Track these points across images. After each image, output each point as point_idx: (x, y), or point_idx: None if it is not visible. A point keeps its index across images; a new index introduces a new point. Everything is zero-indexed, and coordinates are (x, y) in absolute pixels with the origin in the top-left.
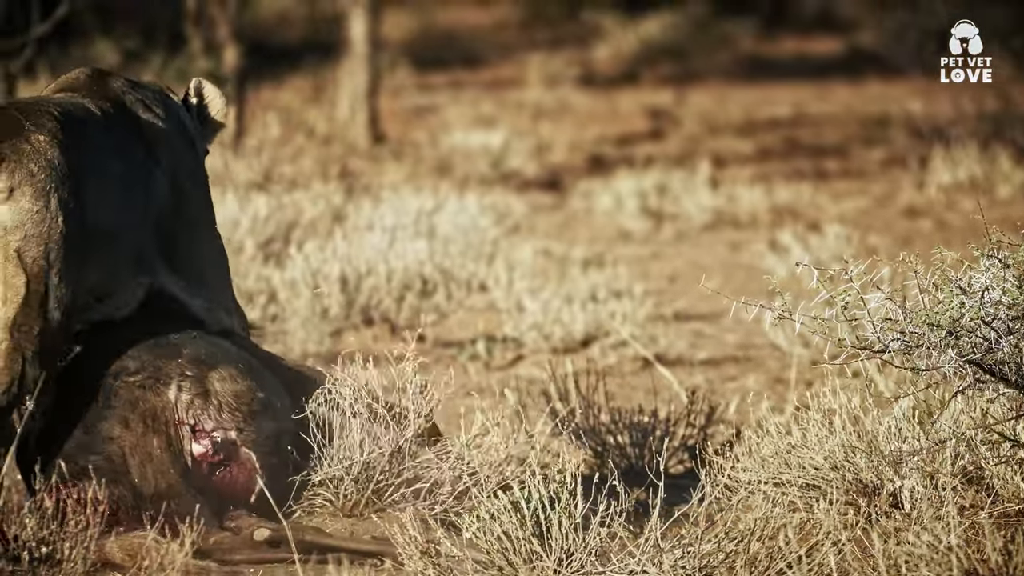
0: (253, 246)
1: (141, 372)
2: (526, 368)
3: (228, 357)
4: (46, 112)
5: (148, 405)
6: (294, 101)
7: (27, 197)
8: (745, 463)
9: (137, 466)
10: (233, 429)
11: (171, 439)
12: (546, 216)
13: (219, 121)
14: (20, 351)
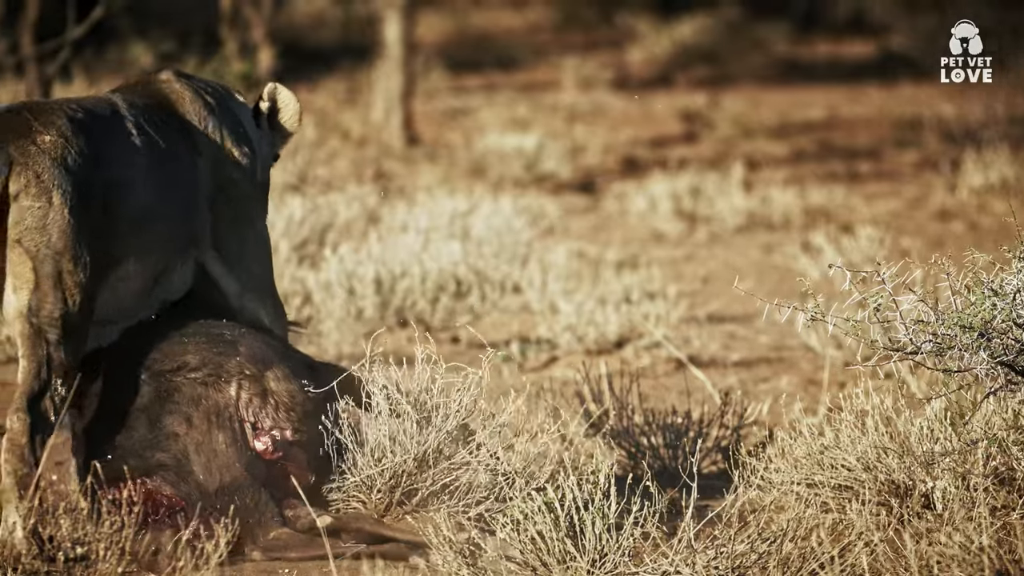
0: (288, 248)
1: (202, 369)
2: (560, 369)
3: (281, 356)
4: (59, 111)
5: (211, 402)
6: (329, 103)
7: (30, 197)
8: (778, 464)
9: (203, 463)
10: (289, 428)
11: (235, 434)
12: (580, 218)
13: (292, 125)
14: (42, 335)
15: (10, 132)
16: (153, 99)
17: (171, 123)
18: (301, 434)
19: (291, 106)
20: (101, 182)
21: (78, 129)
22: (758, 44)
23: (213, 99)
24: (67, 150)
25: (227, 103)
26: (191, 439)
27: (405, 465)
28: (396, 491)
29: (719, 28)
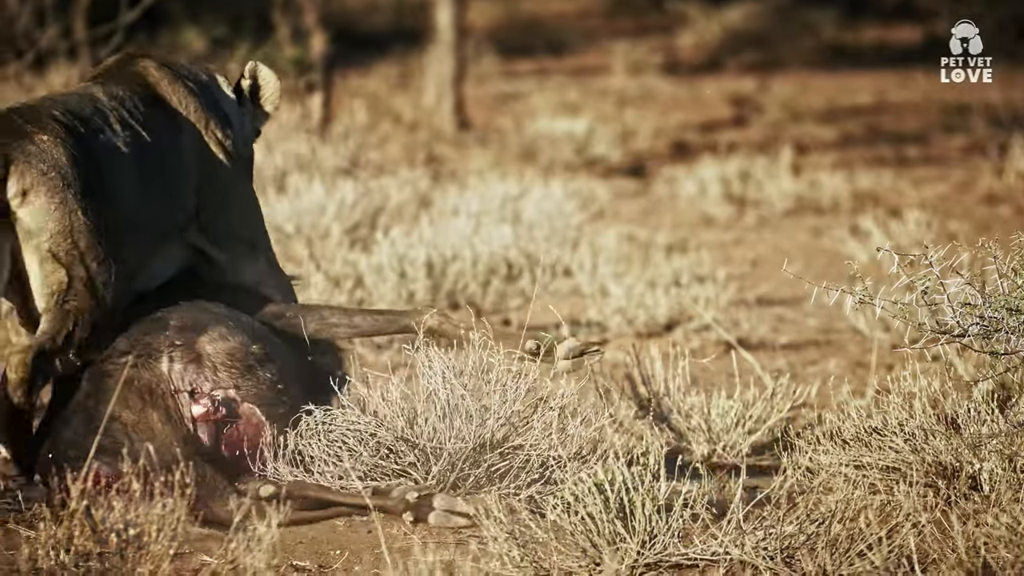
0: (340, 231)
1: (131, 351)
2: (610, 352)
3: (216, 319)
4: (46, 113)
5: (143, 382)
6: (381, 88)
7: (42, 197)
8: (826, 446)
9: (141, 444)
10: (231, 387)
11: (169, 410)
12: (630, 202)
13: (273, 102)
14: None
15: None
16: (133, 86)
17: (154, 110)
18: (247, 389)
19: (272, 83)
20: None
21: (64, 128)
22: (807, 29)
23: (192, 81)
24: (65, 149)
25: (205, 84)
26: (127, 420)
27: (462, 454)
28: (451, 474)
29: (768, 13)
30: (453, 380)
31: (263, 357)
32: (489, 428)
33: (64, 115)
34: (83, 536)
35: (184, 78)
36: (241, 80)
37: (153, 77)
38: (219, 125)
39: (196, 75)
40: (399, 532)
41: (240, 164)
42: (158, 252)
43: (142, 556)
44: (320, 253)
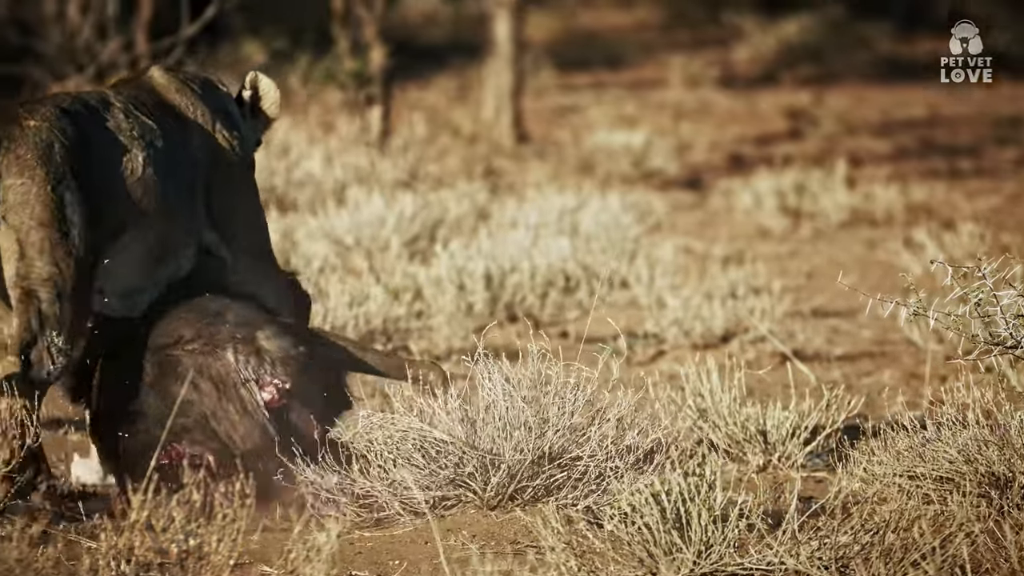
0: (399, 244)
1: (197, 340)
2: (667, 363)
3: (267, 318)
4: (48, 103)
5: (213, 371)
6: (440, 101)
7: (12, 174)
8: (880, 456)
9: (224, 430)
10: (288, 381)
11: (244, 402)
12: (687, 214)
13: (273, 111)
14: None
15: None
16: (144, 92)
17: (163, 113)
18: (297, 385)
19: (271, 94)
20: (89, 163)
21: (63, 114)
22: (862, 42)
23: (200, 89)
24: (51, 132)
25: (213, 92)
26: (206, 405)
27: (522, 465)
28: (510, 486)
29: (823, 27)
30: (513, 392)
31: (306, 359)
32: (548, 440)
33: (71, 102)
34: (144, 546)
35: (191, 84)
36: (242, 91)
37: (160, 84)
38: (226, 127)
39: (204, 81)
40: (457, 543)
41: (247, 168)
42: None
43: (202, 566)
44: (380, 265)
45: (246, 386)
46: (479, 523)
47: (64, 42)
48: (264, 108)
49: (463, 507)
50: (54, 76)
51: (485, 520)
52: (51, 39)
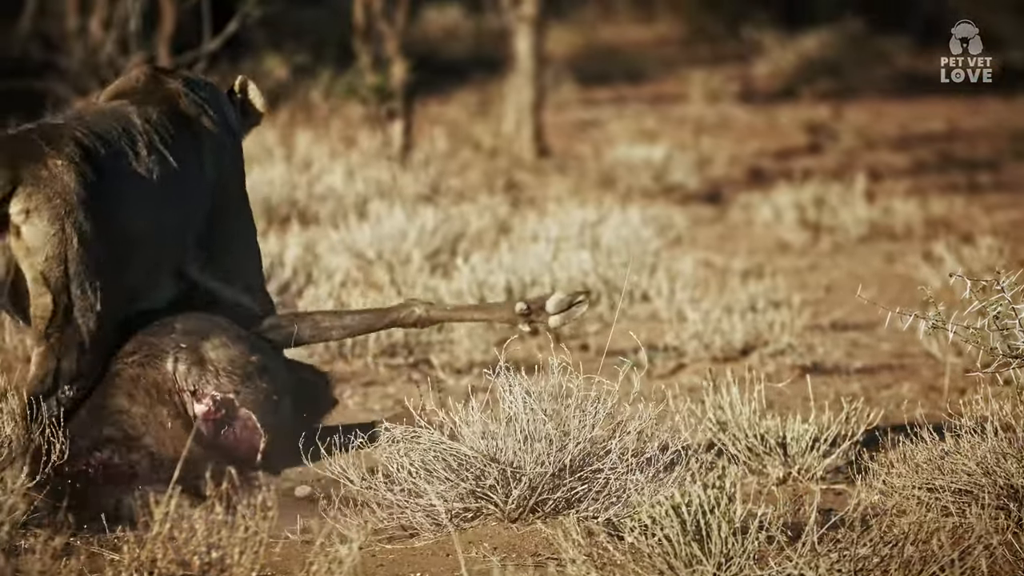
0: (420, 257)
1: (138, 352)
2: (687, 376)
3: (219, 327)
4: (69, 136)
5: (149, 380)
6: (461, 115)
7: (45, 220)
8: (899, 469)
9: (153, 435)
10: (231, 392)
11: (177, 407)
12: (707, 228)
13: (258, 116)
14: (54, 353)
15: (20, 152)
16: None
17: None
18: (245, 396)
19: (259, 100)
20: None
21: (83, 151)
22: (880, 57)
23: (205, 96)
24: (78, 173)
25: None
26: (136, 413)
27: (543, 477)
28: (531, 498)
29: (842, 42)
30: (534, 405)
31: (261, 367)
32: (569, 452)
33: (88, 137)
34: (166, 558)
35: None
36: (232, 93)
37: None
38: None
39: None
40: (478, 555)
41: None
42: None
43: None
44: (401, 279)
45: (180, 395)
46: (500, 535)
47: (87, 57)
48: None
49: (484, 519)
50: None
51: (506, 532)
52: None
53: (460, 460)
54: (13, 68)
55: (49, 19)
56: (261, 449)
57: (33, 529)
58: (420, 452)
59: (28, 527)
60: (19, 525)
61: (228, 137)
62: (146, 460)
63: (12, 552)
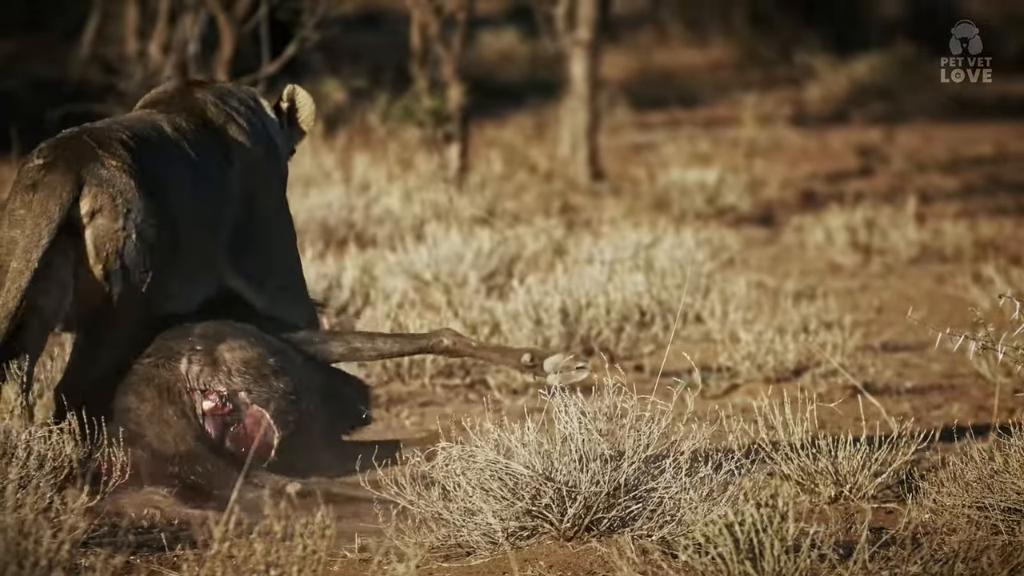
0: (476, 279)
1: (154, 354)
2: (740, 396)
3: (238, 332)
4: (116, 138)
5: (161, 380)
6: (516, 138)
7: (107, 219)
8: (950, 488)
9: (155, 433)
10: (243, 390)
11: (184, 407)
12: (759, 250)
13: (308, 123)
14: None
15: (78, 155)
16: (191, 115)
17: (208, 136)
18: (258, 394)
19: (307, 106)
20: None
21: (131, 154)
22: (930, 82)
23: (240, 106)
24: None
25: (250, 108)
26: (143, 411)
27: (598, 497)
28: (586, 518)
29: (893, 66)
30: (589, 425)
31: (278, 369)
32: (623, 472)
33: (131, 140)
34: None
35: (234, 110)
36: (280, 103)
37: (210, 113)
38: (262, 146)
39: (244, 101)
40: (534, 573)
41: (282, 188)
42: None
43: None
44: (458, 300)
45: (190, 394)
46: (556, 554)
47: (146, 80)
48: (300, 120)
49: (540, 538)
50: None
51: (561, 551)
52: (133, 77)
53: (516, 479)
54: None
55: (108, 43)
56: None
57: (94, 548)
58: (476, 471)
59: (88, 545)
60: (80, 544)
61: (261, 145)
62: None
63: (73, 571)
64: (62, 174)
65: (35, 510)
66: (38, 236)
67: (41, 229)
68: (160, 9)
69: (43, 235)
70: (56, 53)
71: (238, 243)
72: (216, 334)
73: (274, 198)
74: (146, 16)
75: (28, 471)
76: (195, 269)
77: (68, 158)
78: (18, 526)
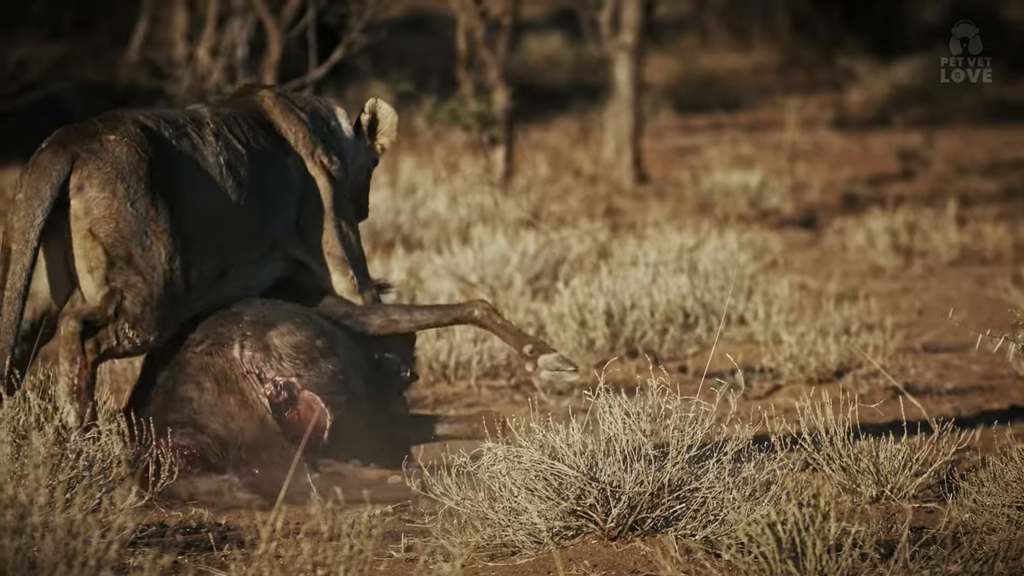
0: (522, 281)
1: (206, 340)
2: (783, 397)
3: (287, 314)
4: (131, 119)
5: (217, 368)
6: (561, 142)
7: (94, 188)
8: (990, 488)
9: (221, 424)
10: (293, 375)
11: (245, 394)
12: (802, 252)
13: (389, 134)
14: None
15: (78, 135)
16: (244, 109)
17: (260, 134)
18: (308, 379)
19: (388, 119)
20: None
21: (143, 130)
22: (970, 86)
23: (305, 113)
24: (130, 147)
25: (321, 115)
26: (204, 401)
27: (642, 497)
28: (631, 517)
29: (934, 70)
30: (633, 425)
31: (326, 351)
32: (667, 472)
33: (151, 118)
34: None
35: (298, 108)
36: (361, 115)
37: (267, 105)
38: (326, 152)
39: (314, 107)
40: (579, 573)
41: (344, 188)
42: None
43: None
44: (503, 302)
45: (247, 379)
46: (600, 553)
47: (194, 84)
48: (380, 132)
49: (584, 537)
50: None
51: (606, 550)
52: (182, 82)
53: (561, 479)
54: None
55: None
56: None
57: (142, 548)
58: (522, 471)
59: (137, 545)
60: (128, 543)
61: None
62: (215, 444)
63: (121, 570)
64: (54, 152)
65: (84, 510)
66: (32, 216)
67: (35, 209)
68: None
69: (37, 215)
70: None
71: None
72: (265, 319)
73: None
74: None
75: (78, 471)
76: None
77: (65, 139)
78: (67, 526)
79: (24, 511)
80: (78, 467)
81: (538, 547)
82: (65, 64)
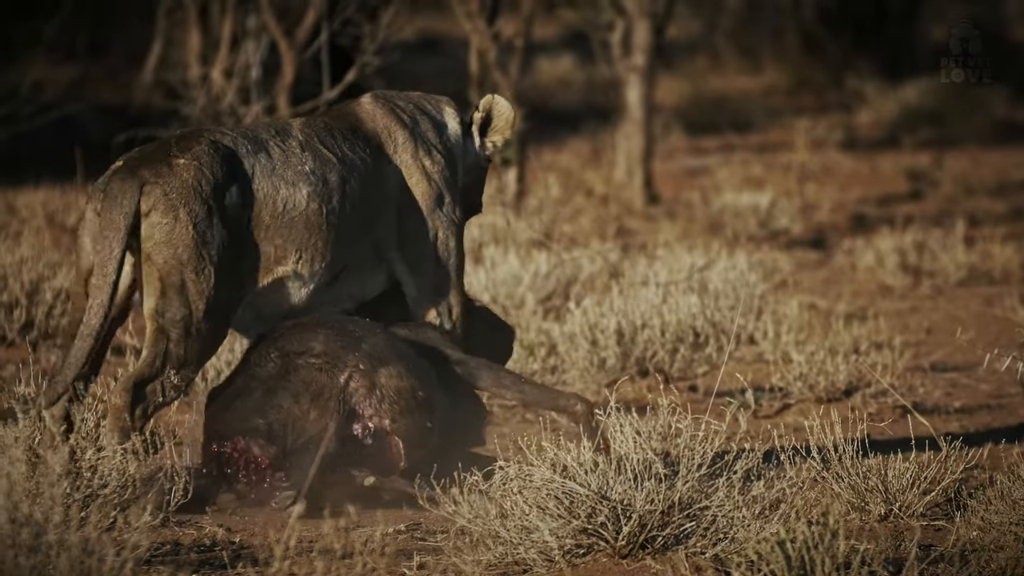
0: (534, 301)
1: (323, 356)
2: (792, 416)
3: (400, 355)
4: (206, 138)
5: (320, 385)
6: (573, 163)
7: (159, 213)
8: (998, 506)
9: (293, 436)
10: (388, 419)
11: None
12: (811, 272)
13: (502, 131)
14: (165, 333)
15: (148, 158)
16: (339, 119)
17: (354, 142)
18: (399, 425)
19: (504, 115)
20: (240, 198)
21: (216, 150)
22: (980, 107)
23: (408, 115)
24: (199, 171)
25: (425, 117)
26: (291, 415)
27: (652, 515)
28: (641, 535)
29: (943, 91)
30: (644, 444)
31: (424, 403)
32: (678, 490)
33: (229, 135)
34: None
35: (400, 111)
36: (474, 113)
37: (365, 111)
38: (429, 155)
39: (420, 107)
40: None
41: (450, 190)
42: (356, 263)
43: None
44: (515, 322)
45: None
46: (611, 571)
47: (208, 105)
48: (494, 129)
49: (595, 556)
50: None
51: (616, 568)
52: (196, 103)
53: (572, 498)
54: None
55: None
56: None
57: (156, 566)
58: (533, 490)
59: (151, 563)
60: (142, 562)
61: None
62: (277, 456)
63: None
64: (123, 180)
65: (99, 528)
66: (110, 249)
67: (111, 242)
68: (222, 35)
69: (114, 248)
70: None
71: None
72: (380, 355)
73: (440, 202)
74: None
75: (93, 489)
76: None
77: (136, 163)
78: (82, 544)
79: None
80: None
81: (549, 565)
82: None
